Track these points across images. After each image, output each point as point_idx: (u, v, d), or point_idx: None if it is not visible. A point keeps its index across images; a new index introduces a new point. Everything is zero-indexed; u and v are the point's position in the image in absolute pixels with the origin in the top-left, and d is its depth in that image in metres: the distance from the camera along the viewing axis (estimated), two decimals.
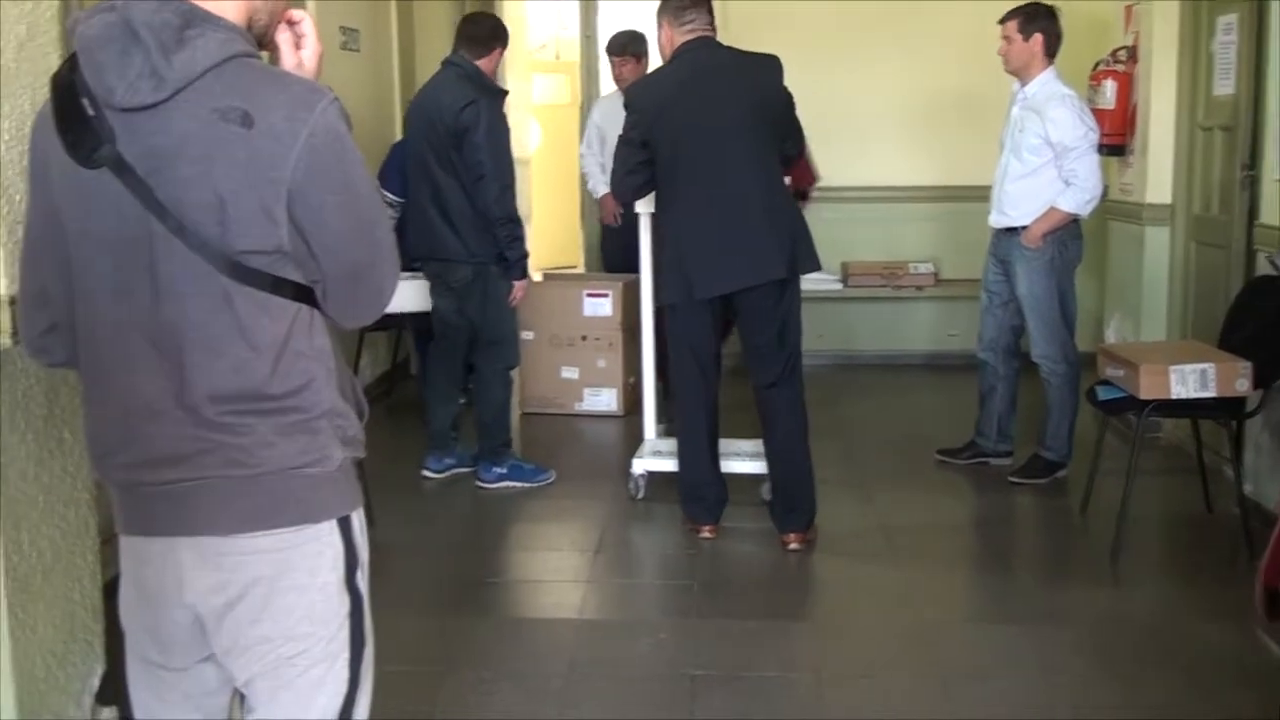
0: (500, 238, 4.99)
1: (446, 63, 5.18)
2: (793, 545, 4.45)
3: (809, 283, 7.08)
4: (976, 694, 3.44)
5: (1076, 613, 3.99)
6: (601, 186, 6.76)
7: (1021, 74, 5.11)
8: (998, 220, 5.23)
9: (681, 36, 4.37)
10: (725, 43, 4.53)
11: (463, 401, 5.51)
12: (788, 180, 4.62)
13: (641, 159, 4.41)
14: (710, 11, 4.44)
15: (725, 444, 4.72)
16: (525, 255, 5.12)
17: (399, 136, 7.00)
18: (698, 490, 4.60)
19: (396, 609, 3.80)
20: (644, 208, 4.76)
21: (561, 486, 5.31)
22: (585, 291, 6.45)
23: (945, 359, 7.38)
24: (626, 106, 4.50)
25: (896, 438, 6.11)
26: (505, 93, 5.21)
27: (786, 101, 4.40)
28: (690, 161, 4.31)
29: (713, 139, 4.26)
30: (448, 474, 5.37)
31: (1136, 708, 3.34)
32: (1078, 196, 4.98)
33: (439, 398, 5.37)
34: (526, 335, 6.43)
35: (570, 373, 6.47)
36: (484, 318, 5.16)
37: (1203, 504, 4.83)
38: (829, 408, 6.65)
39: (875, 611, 4.04)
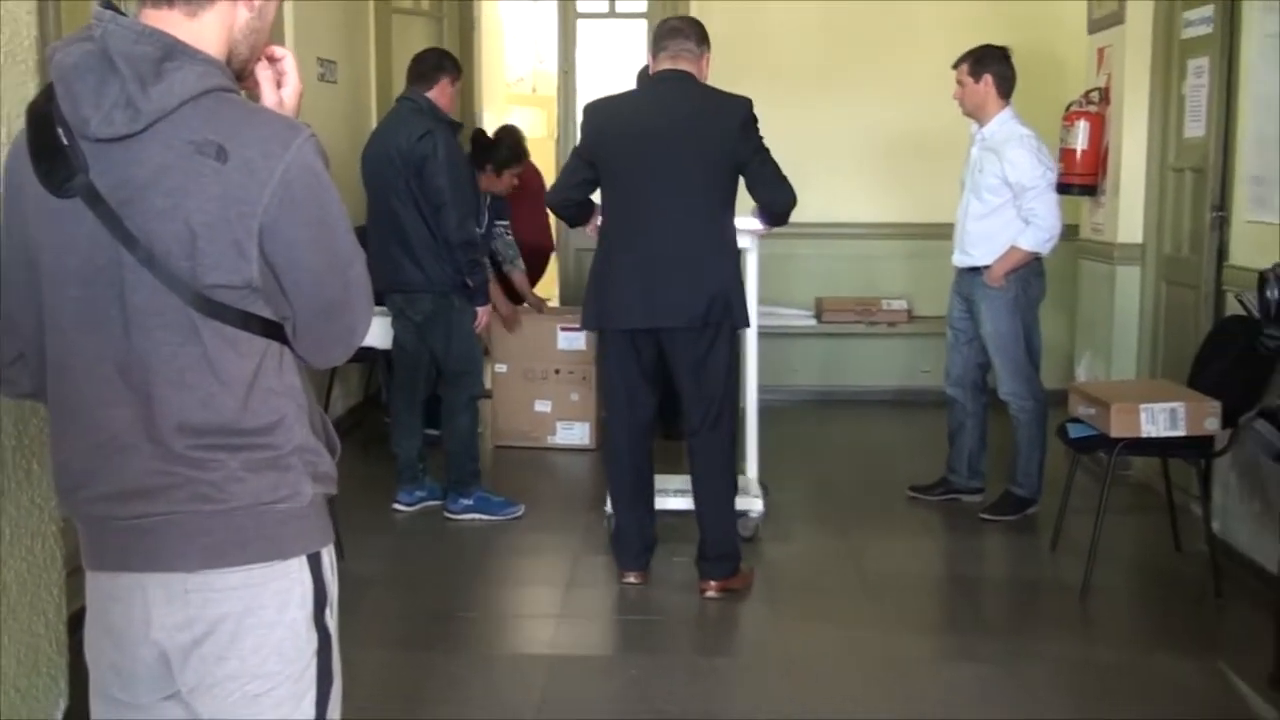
0: (462, 264, 5.05)
1: (400, 99, 5.30)
2: (709, 593, 4.38)
3: (783, 318, 7.18)
4: None
5: (1047, 651, 3.99)
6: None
7: (978, 115, 5.19)
8: (960, 260, 5.28)
9: (656, 65, 4.32)
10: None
11: (432, 432, 5.51)
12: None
13: (586, 176, 4.39)
14: (694, 39, 4.29)
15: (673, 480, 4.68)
16: (487, 281, 5.19)
17: None
18: (620, 530, 4.55)
19: (366, 644, 3.79)
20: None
21: (534, 520, 5.29)
22: (559, 325, 6.45)
23: (918, 395, 7.39)
24: (583, 120, 4.49)
25: (869, 473, 6.12)
26: (459, 125, 5.32)
27: (748, 148, 4.22)
28: (626, 191, 4.28)
29: (652, 174, 4.21)
30: (419, 507, 5.35)
31: None
32: (1037, 235, 5.04)
33: (403, 430, 5.37)
34: (500, 368, 6.43)
35: (543, 406, 6.46)
36: (448, 349, 5.18)
37: (1171, 542, 4.85)
38: (803, 443, 6.67)
39: (848, 649, 4.02)
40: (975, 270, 5.20)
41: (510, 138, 6.34)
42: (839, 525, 5.27)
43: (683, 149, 4.21)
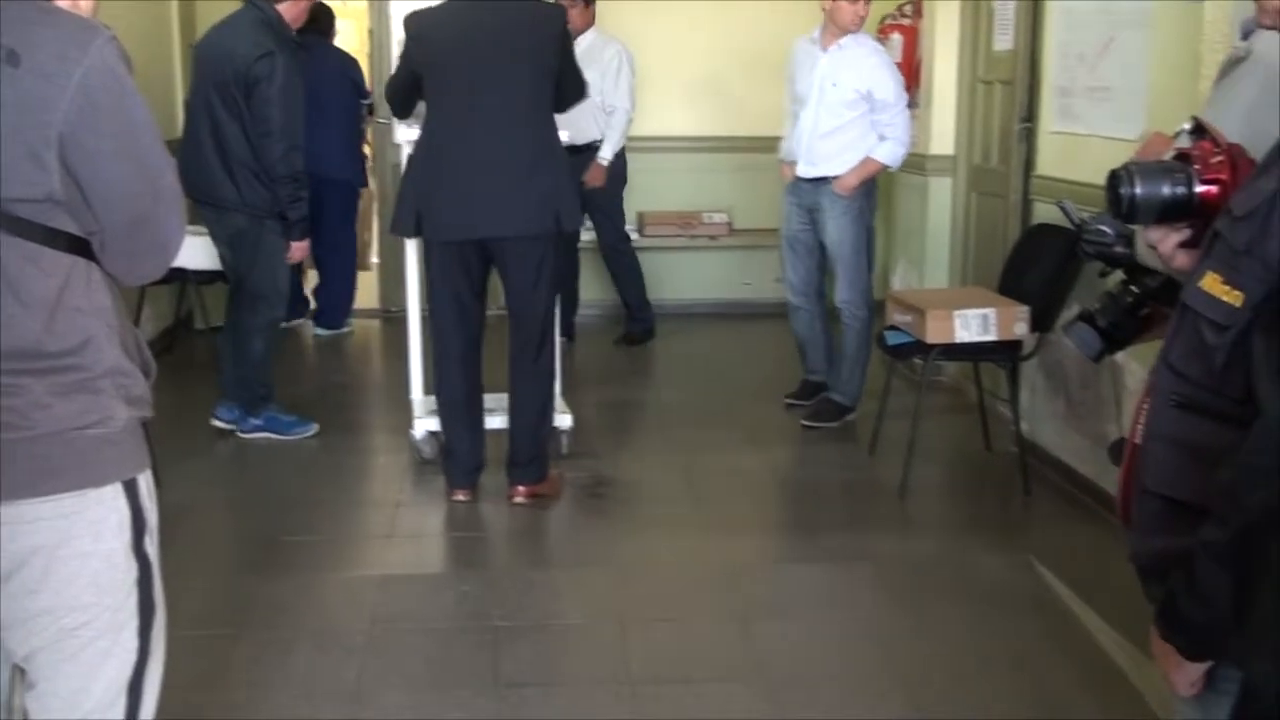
0: (282, 196, 4.89)
1: (246, 4, 5.00)
2: (517, 499, 4.44)
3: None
4: (777, 631, 3.54)
5: (869, 550, 4.13)
6: None
7: (849, 30, 5.20)
8: (807, 171, 5.31)
9: None
10: None
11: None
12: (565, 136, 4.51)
13: (413, 83, 4.35)
14: None
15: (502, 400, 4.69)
16: (306, 217, 5.02)
17: (179, 79, 6.73)
18: (452, 449, 4.54)
19: (189, 571, 3.68)
20: (403, 136, 4.68)
21: (358, 440, 5.24)
22: None
23: (740, 307, 7.50)
24: (404, 31, 4.42)
25: (692, 385, 6.19)
26: (302, 45, 5.11)
27: (565, 54, 4.34)
28: (454, 99, 4.24)
29: (479, 82, 4.19)
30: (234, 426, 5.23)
31: (927, 637, 3.50)
32: (895, 150, 5.21)
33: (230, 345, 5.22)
34: None
35: None
36: (251, 269, 5.04)
37: (983, 443, 5.05)
38: (624, 357, 6.72)
39: (676, 556, 4.10)
40: (820, 181, 5.27)
41: None
42: (665, 436, 5.33)
43: (509, 57, 4.21)
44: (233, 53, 4.82)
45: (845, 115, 5.19)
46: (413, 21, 4.37)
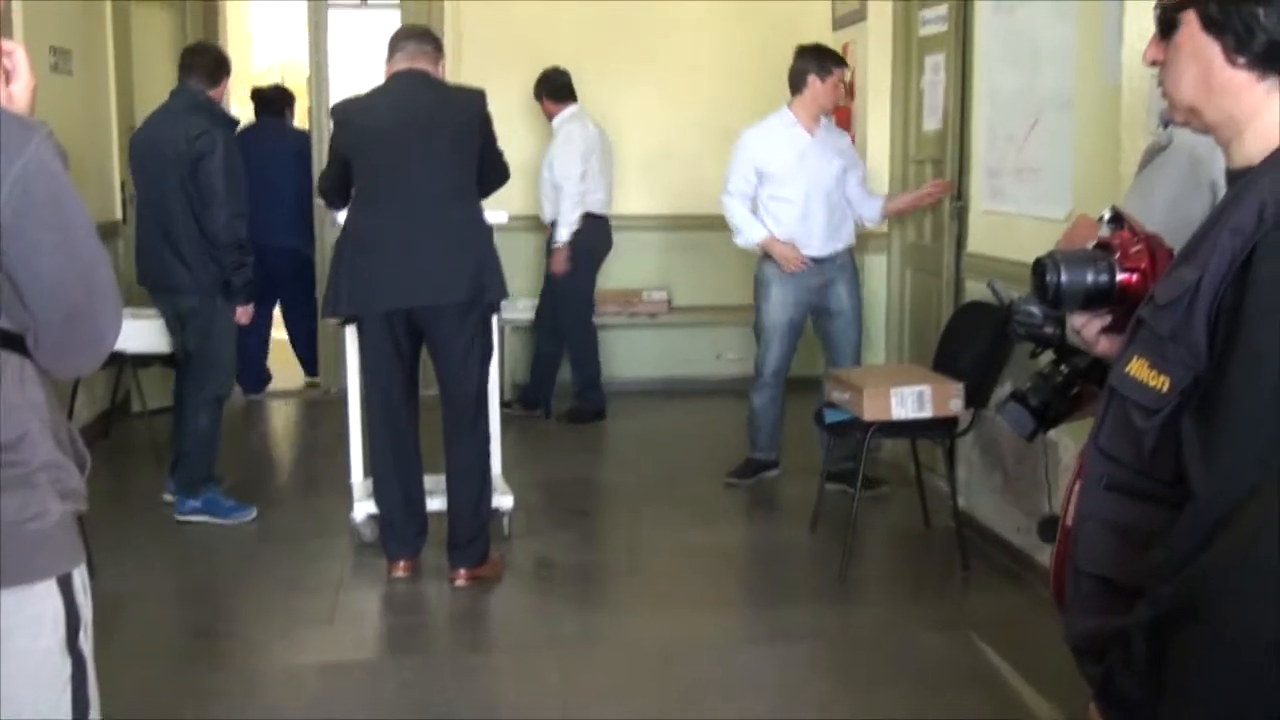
0: (226, 264, 4.97)
1: (177, 91, 5.16)
2: (459, 582, 4.42)
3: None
4: (720, 711, 3.53)
5: (812, 627, 4.14)
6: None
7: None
8: (829, 248, 5.43)
9: (393, 66, 4.45)
10: (458, 77, 4.56)
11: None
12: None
13: (344, 170, 4.45)
14: (429, 42, 4.50)
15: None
16: (251, 281, 5.09)
17: (116, 164, 6.72)
18: (386, 519, 4.54)
19: (124, 665, 3.60)
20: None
21: (297, 521, 5.17)
22: None
23: (681, 385, 7.52)
24: (333, 120, 4.60)
25: (634, 463, 6.20)
26: (236, 122, 5.33)
27: (486, 137, 4.44)
28: (379, 182, 4.35)
29: (403, 164, 4.31)
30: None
31: (869, 713, 3.49)
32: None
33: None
34: None
35: None
36: (201, 342, 5.10)
37: (921, 519, 5.08)
38: (562, 436, 6.71)
39: (619, 637, 4.08)
40: (833, 256, 5.44)
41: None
42: (607, 515, 5.33)
43: (433, 139, 4.33)
44: (173, 137, 4.93)
45: (841, 186, 5.48)
46: (340, 109, 4.55)
